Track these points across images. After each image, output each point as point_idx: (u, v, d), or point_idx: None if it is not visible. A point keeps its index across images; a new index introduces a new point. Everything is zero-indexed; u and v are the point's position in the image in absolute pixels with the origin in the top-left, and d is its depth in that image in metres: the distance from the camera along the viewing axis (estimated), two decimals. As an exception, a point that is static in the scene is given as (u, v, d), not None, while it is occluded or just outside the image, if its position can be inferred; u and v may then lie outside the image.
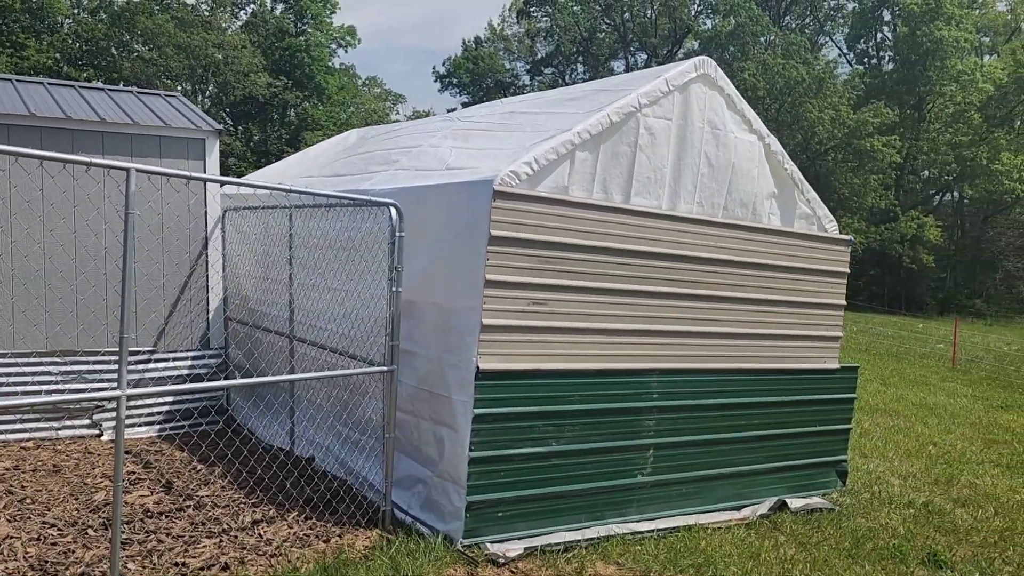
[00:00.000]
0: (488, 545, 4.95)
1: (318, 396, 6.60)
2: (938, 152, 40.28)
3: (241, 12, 44.97)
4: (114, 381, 6.44)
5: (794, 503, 6.30)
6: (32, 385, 6.98)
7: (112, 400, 6.53)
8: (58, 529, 4.96)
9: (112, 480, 5.80)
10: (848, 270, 6.84)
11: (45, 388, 6.99)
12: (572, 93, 6.64)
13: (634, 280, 5.49)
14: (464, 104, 52.24)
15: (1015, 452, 9.28)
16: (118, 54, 38.43)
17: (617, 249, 5.37)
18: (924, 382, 15.01)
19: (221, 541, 4.88)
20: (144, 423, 7.48)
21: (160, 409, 7.60)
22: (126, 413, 4.01)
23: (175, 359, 7.68)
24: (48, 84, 8.38)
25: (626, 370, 5.52)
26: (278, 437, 7.11)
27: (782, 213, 6.45)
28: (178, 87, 38.75)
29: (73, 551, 4.65)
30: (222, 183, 6.75)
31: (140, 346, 7.47)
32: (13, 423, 6.94)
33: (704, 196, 5.95)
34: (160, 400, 7.56)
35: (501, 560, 4.82)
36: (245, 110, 42.22)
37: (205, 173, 7.67)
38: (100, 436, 7.22)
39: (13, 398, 6.67)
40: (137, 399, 7.33)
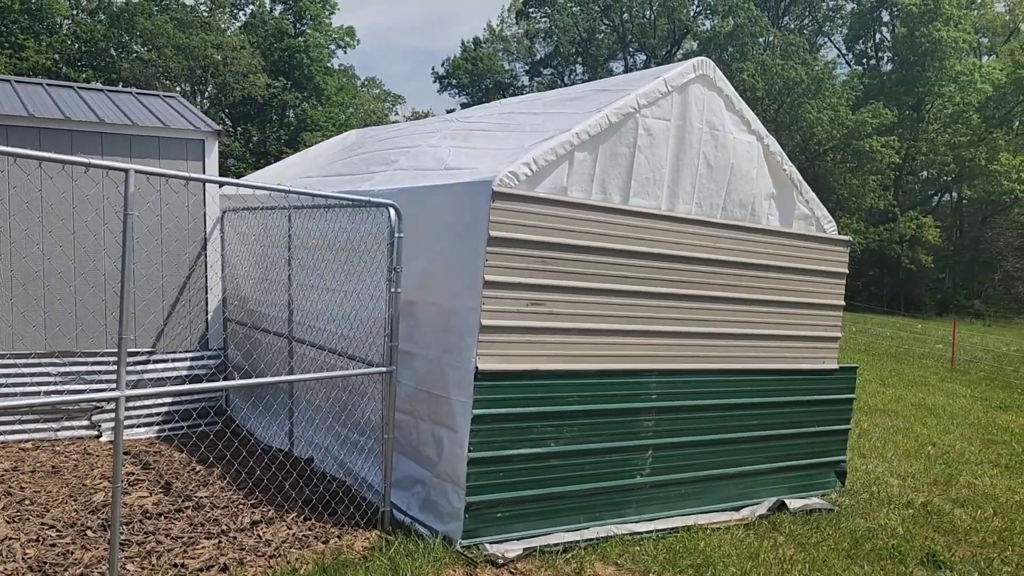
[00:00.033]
0: (487, 546, 4.95)
1: (317, 397, 6.60)
2: (937, 153, 40.33)
3: (240, 13, 45.06)
4: (113, 382, 6.45)
5: (793, 503, 6.30)
6: (31, 386, 6.98)
7: (111, 401, 6.51)
8: (57, 530, 4.96)
9: (111, 481, 5.79)
10: (847, 270, 6.85)
11: (44, 389, 6.98)
12: (571, 94, 6.65)
13: (633, 281, 5.49)
14: (463, 105, 52.25)
15: (1014, 452, 9.28)
16: (117, 55, 38.45)
17: (616, 250, 5.37)
18: (923, 382, 15.02)
19: (220, 542, 4.88)
20: (143, 424, 7.47)
21: (159, 410, 7.60)
22: (125, 414, 4.00)
23: (174, 360, 7.68)
24: (47, 85, 8.39)
25: (625, 371, 5.52)
26: (277, 438, 7.11)
27: (781, 214, 6.46)
28: (177, 88, 38.75)
29: (72, 552, 4.65)
30: (221, 184, 6.76)
31: (139, 347, 7.47)
32: (12, 424, 6.94)
33: (703, 197, 5.96)
34: (159, 401, 7.56)
35: (500, 561, 4.82)
36: (244, 111, 42.23)
37: (204, 174, 7.67)
38: (99, 437, 7.22)
39: (12, 399, 6.67)
40: (136, 400, 7.33)
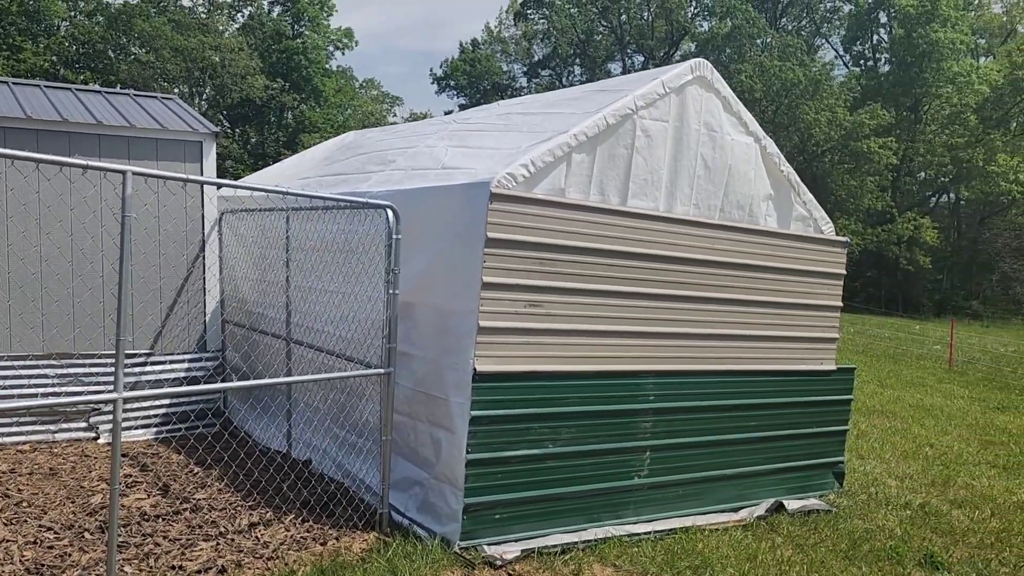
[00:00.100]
0: (485, 547, 4.95)
1: (315, 399, 6.60)
2: (934, 154, 40.41)
3: (238, 15, 45.02)
4: (111, 384, 6.43)
5: (791, 504, 6.30)
6: (28, 388, 6.97)
7: (109, 403, 6.49)
8: (54, 532, 4.95)
9: (109, 483, 5.80)
10: (844, 272, 6.85)
11: (41, 391, 6.97)
12: (569, 95, 6.65)
13: (631, 282, 5.49)
14: (461, 106, 52.26)
15: (1011, 453, 9.29)
16: (115, 57, 38.43)
17: (614, 251, 5.38)
18: (921, 383, 15.03)
19: (218, 544, 4.87)
20: (141, 426, 7.46)
21: (157, 412, 7.59)
22: (123, 416, 4.00)
23: (172, 362, 7.68)
24: (45, 87, 8.38)
25: (623, 372, 5.52)
26: (275, 440, 7.11)
27: (778, 215, 6.47)
28: (175, 90, 38.72)
29: (70, 554, 4.64)
30: (219, 185, 6.76)
31: (137, 349, 7.46)
32: (9, 426, 6.93)
33: (700, 198, 5.96)
34: (157, 403, 7.55)
35: (498, 562, 4.81)
36: (242, 112, 42.22)
37: (202, 175, 7.66)
38: (97, 439, 7.21)
39: (9, 401, 6.66)
40: (134, 402, 7.32)
